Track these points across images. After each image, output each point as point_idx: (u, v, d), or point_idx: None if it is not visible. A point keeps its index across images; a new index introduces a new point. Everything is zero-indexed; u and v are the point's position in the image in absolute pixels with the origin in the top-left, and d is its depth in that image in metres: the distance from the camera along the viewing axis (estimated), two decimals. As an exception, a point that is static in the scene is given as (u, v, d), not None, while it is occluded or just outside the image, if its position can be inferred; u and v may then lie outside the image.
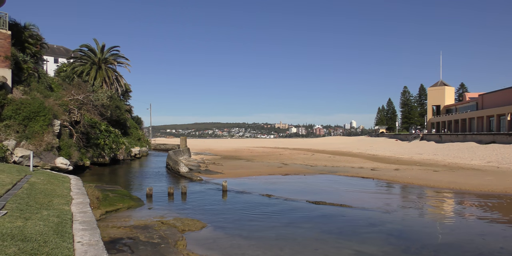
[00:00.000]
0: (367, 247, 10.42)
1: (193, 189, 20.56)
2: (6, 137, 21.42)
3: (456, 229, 12.62)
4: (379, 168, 32.93)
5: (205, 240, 10.87)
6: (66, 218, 7.91)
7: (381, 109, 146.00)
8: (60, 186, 12.85)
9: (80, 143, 28.58)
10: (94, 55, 52.10)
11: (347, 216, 14.41)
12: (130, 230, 11.25)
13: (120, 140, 40.06)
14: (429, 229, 12.71)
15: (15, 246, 5.46)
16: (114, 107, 44.63)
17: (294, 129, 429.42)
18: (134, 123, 62.12)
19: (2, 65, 23.28)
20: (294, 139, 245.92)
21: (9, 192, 9.87)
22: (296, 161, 42.39)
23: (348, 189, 21.35)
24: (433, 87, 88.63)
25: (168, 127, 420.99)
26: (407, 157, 45.70)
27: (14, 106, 22.70)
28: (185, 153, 45.03)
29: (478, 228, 12.87)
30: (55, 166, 22.27)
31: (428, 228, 12.94)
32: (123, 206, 15.01)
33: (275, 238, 11.32)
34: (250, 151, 66.74)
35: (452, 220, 14.07)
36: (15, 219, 7.04)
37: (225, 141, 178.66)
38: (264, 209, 15.76)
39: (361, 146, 74.16)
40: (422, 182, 23.60)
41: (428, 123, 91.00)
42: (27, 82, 26.83)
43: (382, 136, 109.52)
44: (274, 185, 22.55)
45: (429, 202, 17.59)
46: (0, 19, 24.34)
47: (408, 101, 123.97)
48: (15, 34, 27.94)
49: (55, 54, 68.08)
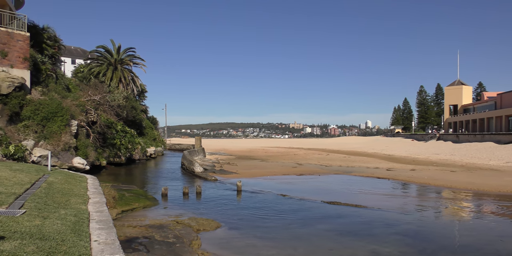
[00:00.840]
0: (383, 247, 10.33)
1: (208, 189, 20.65)
2: (25, 137, 21.82)
3: (474, 231, 12.42)
4: (394, 168, 32.60)
5: (220, 240, 10.91)
6: (83, 217, 8.02)
7: (396, 108, 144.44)
8: (77, 186, 13.04)
9: (96, 143, 28.92)
10: (110, 56, 52.71)
11: (362, 216, 14.30)
12: (146, 230, 11.36)
13: (136, 140, 40.44)
14: (446, 230, 12.55)
15: (33, 244, 5.55)
16: (130, 108, 45.07)
17: (308, 129, 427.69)
18: (149, 123, 62.64)
19: (21, 66, 23.71)
20: (308, 139, 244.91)
21: (28, 191, 10.05)
22: (310, 161, 42.24)
23: (363, 189, 21.19)
24: (450, 87, 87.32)
25: (183, 127, 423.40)
26: (424, 157, 45.15)
27: (33, 106, 23.10)
28: (200, 153, 45.25)
29: (496, 229, 12.65)
30: (72, 166, 22.60)
31: (445, 229, 12.77)
32: (139, 206, 15.15)
33: (290, 238, 11.30)
34: (265, 151, 66.73)
35: (470, 221, 13.86)
36: (33, 218, 7.16)
37: (240, 141, 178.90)
38: (278, 209, 15.74)
39: (376, 146, 73.51)
40: (439, 182, 23.29)
41: (445, 123, 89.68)
42: (45, 83, 27.28)
43: (398, 136, 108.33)
44: (288, 185, 22.50)
45: (446, 203, 17.35)
46: (19, 21, 24.78)
47: (424, 101, 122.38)
48: (34, 36, 28.43)
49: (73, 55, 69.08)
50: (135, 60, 56.29)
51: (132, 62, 55.41)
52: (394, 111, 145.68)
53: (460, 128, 79.89)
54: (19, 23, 24.59)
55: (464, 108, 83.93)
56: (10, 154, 18.96)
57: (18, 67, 23.48)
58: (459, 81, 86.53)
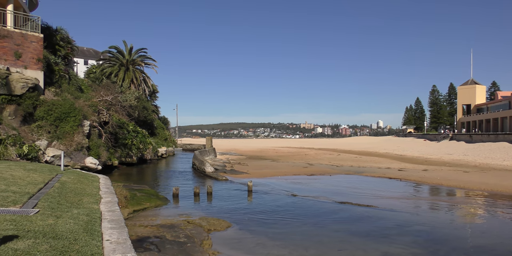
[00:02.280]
0: (395, 248, 10.25)
1: (218, 189, 20.70)
2: (38, 137, 22.10)
3: (487, 232, 12.26)
4: (406, 168, 32.34)
5: (231, 240, 10.92)
6: (95, 217, 8.09)
7: (408, 108, 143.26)
8: (89, 185, 13.16)
9: (108, 143, 29.17)
10: (122, 56, 53.15)
11: (373, 217, 14.21)
12: (157, 229, 11.42)
13: (147, 140, 40.70)
14: (459, 231, 12.40)
15: (47, 243, 5.62)
16: (142, 108, 45.40)
17: (319, 129, 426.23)
18: (161, 123, 63.02)
19: (35, 67, 24.02)
20: (319, 139, 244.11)
21: (41, 191, 10.17)
22: (321, 161, 42.09)
23: (375, 189, 21.05)
24: (464, 86, 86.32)
25: (194, 127, 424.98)
26: (436, 158, 44.70)
27: (46, 107, 23.38)
28: (211, 153, 45.36)
29: (511, 230, 12.48)
30: (84, 166, 22.83)
31: (458, 230, 12.62)
32: (150, 205, 15.25)
33: (301, 238, 11.27)
34: (275, 151, 66.65)
35: (484, 222, 13.67)
36: (46, 217, 7.25)
37: (251, 141, 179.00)
38: (289, 209, 15.71)
39: (388, 146, 72.98)
40: (451, 183, 23.05)
41: (458, 123, 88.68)
42: (58, 84, 27.61)
43: (410, 136, 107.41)
44: (299, 185, 22.45)
45: (459, 204, 17.15)
46: (33, 22, 25.12)
47: (437, 100, 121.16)
48: (47, 37, 28.80)
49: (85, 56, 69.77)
50: (147, 60, 56.73)
51: (144, 62, 55.83)
52: (406, 111, 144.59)
53: (473, 128, 78.94)
54: (33, 25, 24.92)
55: (478, 108, 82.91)
56: (24, 154, 19.22)
57: (32, 68, 23.80)
58: (472, 81, 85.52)
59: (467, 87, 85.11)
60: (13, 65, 22.95)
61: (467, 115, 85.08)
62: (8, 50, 22.82)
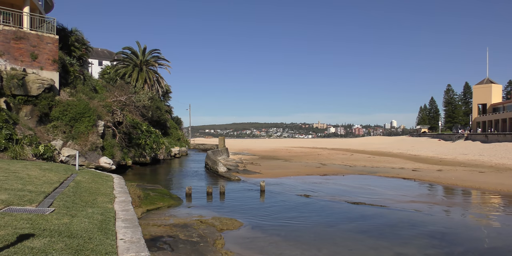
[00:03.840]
0: (408, 249, 10.16)
1: (231, 189, 20.75)
2: (54, 137, 22.41)
3: (503, 233, 12.07)
4: (421, 168, 32.00)
5: (243, 239, 10.94)
6: (109, 216, 8.17)
7: (423, 108, 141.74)
8: (103, 185, 13.30)
9: (122, 143, 29.43)
10: (136, 57, 53.60)
11: (387, 217, 14.10)
12: (170, 229, 11.49)
13: (161, 140, 40.97)
14: (474, 232, 12.24)
15: (62, 242, 5.70)
16: (155, 108, 45.71)
17: (332, 129, 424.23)
18: (174, 123, 63.36)
19: (50, 68, 24.36)
20: (332, 139, 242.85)
21: (57, 190, 10.31)
22: (334, 161, 41.89)
23: (388, 190, 20.88)
24: (479, 85, 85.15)
25: (207, 127, 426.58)
26: (451, 158, 44.14)
27: (61, 107, 23.69)
28: (224, 153, 45.47)
29: (527, 232, 12.27)
30: (99, 165, 23.08)
31: (473, 231, 12.45)
32: (163, 205, 15.35)
33: (313, 238, 11.24)
34: (288, 151, 66.52)
35: (499, 223, 13.46)
36: (62, 216, 7.35)
37: (263, 141, 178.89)
38: (302, 209, 15.68)
39: (402, 146, 72.27)
40: (466, 183, 22.74)
41: (473, 123, 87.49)
42: (73, 84, 27.95)
43: (424, 136, 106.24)
44: (312, 185, 22.38)
45: (474, 204, 16.92)
46: (49, 24, 25.48)
47: (452, 100, 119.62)
48: (62, 38, 29.19)
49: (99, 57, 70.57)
50: (160, 61, 57.12)
51: (157, 63, 56.25)
52: (420, 110, 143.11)
53: (489, 127, 77.80)
54: (49, 26, 25.27)
55: (494, 107, 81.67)
56: (40, 154, 19.51)
57: (47, 69, 24.15)
58: (488, 80, 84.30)
59: (483, 86, 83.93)
60: (29, 66, 23.32)
61: (482, 115, 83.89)
62: (24, 51, 23.19)
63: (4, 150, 17.86)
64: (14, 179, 10.77)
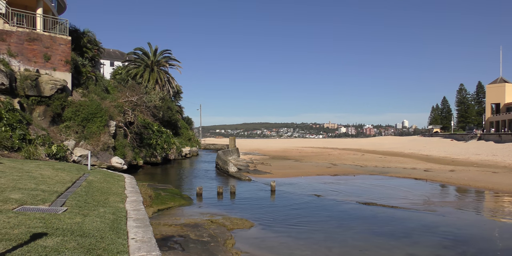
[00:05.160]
0: (420, 250, 10.07)
1: (241, 189, 20.77)
2: (66, 138, 22.66)
3: (517, 235, 11.91)
4: (432, 169, 31.70)
5: (253, 239, 10.95)
6: (121, 215, 8.24)
7: (435, 108, 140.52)
8: (115, 185, 13.41)
9: (134, 143, 29.63)
10: (147, 58, 53.96)
11: (398, 218, 13.99)
12: (181, 228, 11.54)
13: (172, 140, 41.16)
14: (487, 233, 12.09)
15: (74, 241, 5.77)
16: (166, 108, 45.94)
17: (343, 129, 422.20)
18: (184, 123, 63.61)
19: (63, 69, 24.64)
20: (343, 139, 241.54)
21: (69, 190, 10.42)
22: (345, 161, 41.69)
23: (400, 190, 20.73)
24: (492, 84, 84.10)
25: (218, 127, 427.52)
26: (463, 158, 43.64)
27: (74, 108, 23.95)
28: (234, 153, 45.54)
29: (542, 234, 12.08)
30: (110, 165, 23.27)
31: (486, 231, 12.31)
32: (174, 205, 15.43)
33: (324, 238, 11.20)
34: (299, 151, 66.38)
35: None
36: (74, 216, 7.43)
37: (274, 141, 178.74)
38: (312, 209, 15.64)
39: (413, 146, 71.66)
40: (479, 184, 22.47)
41: (486, 122, 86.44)
42: (86, 85, 28.22)
43: (436, 136, 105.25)
44: (322, 185, 22.31)
45: (487, 205, 16.71)
46: (61, 25, 25.77)
47: (464, 99, 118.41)
48: (75, 39, 29.52)
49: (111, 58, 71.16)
50: (171, 61, 57.43)
51: (168, 63, 56.54)
52: (432, 110, 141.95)
53: (503, 127, 76.79)
54: (61, 28, 25.56)
55: (507, 107, 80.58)
56: (53, 154, 19.75)
57: (60, 70, 24.42)
58: (501, 79, 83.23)
59: (496, 86, 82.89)
60: (42, 67, 23.61)
61: (496, 114, 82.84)
62: (37, 52, 23.48)
63: (18, 150, 18.11)
64: (27, 179, 10.91)
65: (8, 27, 22.49)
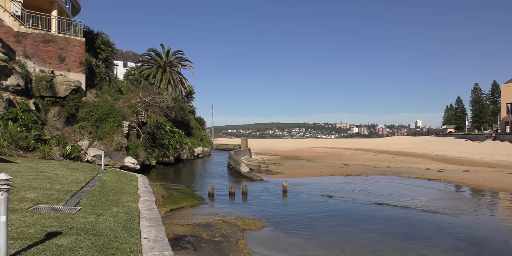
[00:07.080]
0: (434, 251, 9.98)
1: (253, 189, 20.78)
2: (80, 138, 22.93)
3: (533, 237, 11.71)
4: (446, 169, 31.34)
5: (265, 240, 10.95)
6: (134, 215, 8.31)
7: (449, 107, 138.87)
8: (128, 184, 13.53)
9: (146, 143, 29.85)
10: (160, 58, 54.35)
11: (412, 218, 13.88)
12: (193, 228, 11.60)
13: (184, 141, 41.36)
14: (502, 235, 11.91)
15: (88, 240, 5.84)
16: (178, 109, 46.17)
17: (355, 129, 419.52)
18: (197, 123, 63.84)
19: (77, 70, 24.94)
20: (355, 139, 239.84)
21: (83, 189, 10.54)
22: (357, 161, 41.44)
23: (413, 190, 20.54)
24: (508, 84, 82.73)
25: (230, 127, 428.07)
26: (478, 158, 43.04)
27: (88, 108, 24.23)
28: (246, 153, 45.58)
29: (559, 236, 11.86)
30: (124, 165, 23.49)
31: (502, 233, 12.12)
32: (187, 205, 15.51)
33: (336, 239, 11.16)
34: (311, 151, 66.16)
35: (529, 227, 13.07)
36: (88, 215, 7.52)
37: (286, 141, 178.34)
38: (324, 209, 15.58)
39: (427, 147, 70.88)
40: (495, 184, 22.15)
41: (501, 122, 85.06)
42: (99, 86, 28.53)
43: (450, 136, 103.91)
44: (335, 186, 22.22)
45: (503, 206, 16.47)
46: (75, 27, 26.10)
47: (479, 99, 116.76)
48: (89, 41, 29.85)
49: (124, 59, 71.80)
50: (183, 62, 57.74)
51: (180, 64, 56.86)
52: (446, 110, 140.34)
53: (519, 127, 75.51)
54: (76, 29, 25.88)
55: (523, 106, 79.25)
56: (67, 154, 20.00)
57: (74, 71, 24.73)
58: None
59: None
60: (57, 68, 23.93)
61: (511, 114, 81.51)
62: (52, 54, 23.80)
63: (33, 150, 18.37)
64: (42, 178, 11.07)
65: (23, 29, 22.84)
